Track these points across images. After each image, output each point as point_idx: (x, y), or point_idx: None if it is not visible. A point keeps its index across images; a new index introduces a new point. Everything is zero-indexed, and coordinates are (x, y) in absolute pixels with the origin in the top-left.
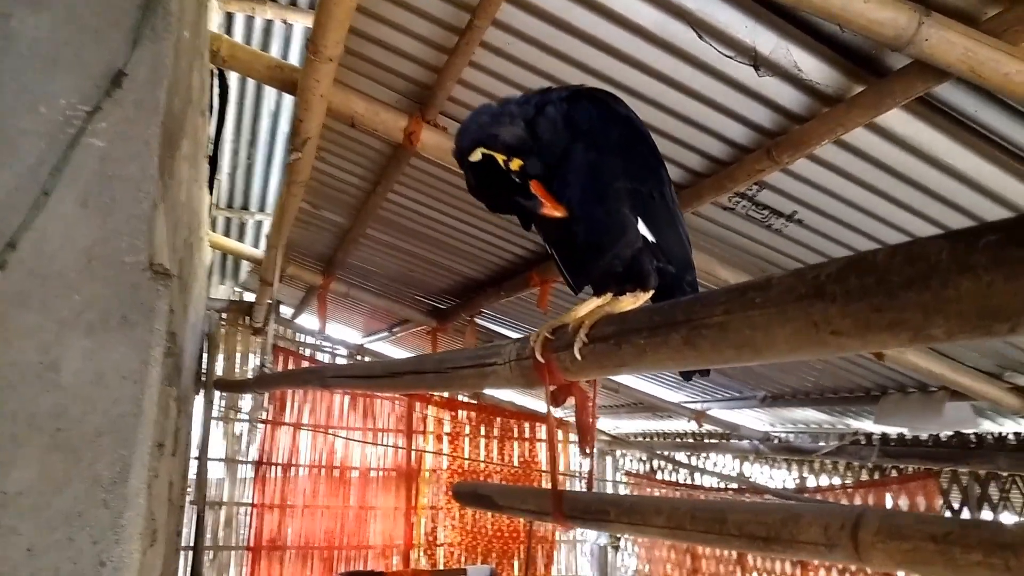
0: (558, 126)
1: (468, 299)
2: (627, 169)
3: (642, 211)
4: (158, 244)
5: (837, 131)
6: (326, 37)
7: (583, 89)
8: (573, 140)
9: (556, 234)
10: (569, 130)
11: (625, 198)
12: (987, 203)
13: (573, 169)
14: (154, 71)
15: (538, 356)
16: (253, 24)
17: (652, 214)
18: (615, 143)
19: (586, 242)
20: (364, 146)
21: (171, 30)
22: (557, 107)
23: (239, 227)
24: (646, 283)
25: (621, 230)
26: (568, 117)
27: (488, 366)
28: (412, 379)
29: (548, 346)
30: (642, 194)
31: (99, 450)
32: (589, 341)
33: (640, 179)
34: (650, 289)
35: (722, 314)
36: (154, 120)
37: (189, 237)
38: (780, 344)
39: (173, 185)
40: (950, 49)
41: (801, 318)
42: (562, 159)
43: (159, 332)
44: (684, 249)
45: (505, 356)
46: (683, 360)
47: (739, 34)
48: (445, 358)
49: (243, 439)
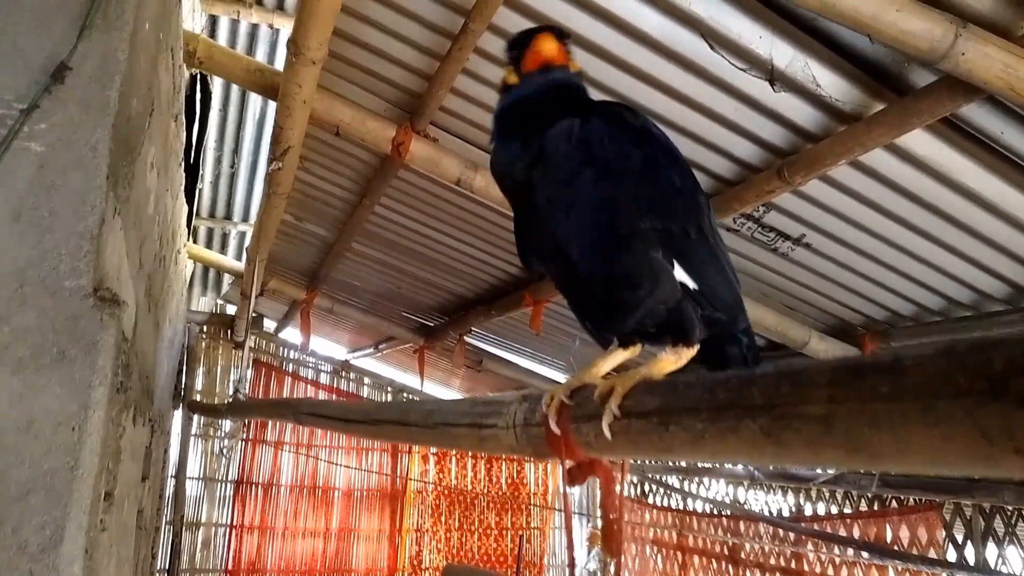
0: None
1: (457, 317)
2: (654, 204)
3: (677, 254)
4: (107, 266)
5: (856, 151)
6: (308, 37)
7: (599, 104)
8: (582, 166)
9: (568, 288)
10: (580, 153)
11: (654, 241)
12: (1008, 229)
13: (581, 205)
14: (104, 66)
15: (552, 427)
16: (238, 28)
17: (690, 255)
18: (637, 171)
19: (606, 299)
20: (350, 156)
21: (126, 20)
22: (570, 122)
23: (222, 237)
24: (689, 337)
25: (652, 283)
26: (580, 139)
27: (487, 427)
28: (395, 430)
29: (565, 413)
30: (674, 233)
31: (26, 512)
32: (622, 415)
33: (671, 215)
34: (695, 344)
35: (826, 402)
36: (103, 122)
37: (161, 251)
38: (922, 454)
39: (134, 196)
40: (989, 65)
41: (961, 423)
42: (565, 187)
43: (103, 369)
44: (732, 290)
45: (508, 418)
46: (760, 456)
47: (753, 45)
48: (436, 410)
49: (222, 457)
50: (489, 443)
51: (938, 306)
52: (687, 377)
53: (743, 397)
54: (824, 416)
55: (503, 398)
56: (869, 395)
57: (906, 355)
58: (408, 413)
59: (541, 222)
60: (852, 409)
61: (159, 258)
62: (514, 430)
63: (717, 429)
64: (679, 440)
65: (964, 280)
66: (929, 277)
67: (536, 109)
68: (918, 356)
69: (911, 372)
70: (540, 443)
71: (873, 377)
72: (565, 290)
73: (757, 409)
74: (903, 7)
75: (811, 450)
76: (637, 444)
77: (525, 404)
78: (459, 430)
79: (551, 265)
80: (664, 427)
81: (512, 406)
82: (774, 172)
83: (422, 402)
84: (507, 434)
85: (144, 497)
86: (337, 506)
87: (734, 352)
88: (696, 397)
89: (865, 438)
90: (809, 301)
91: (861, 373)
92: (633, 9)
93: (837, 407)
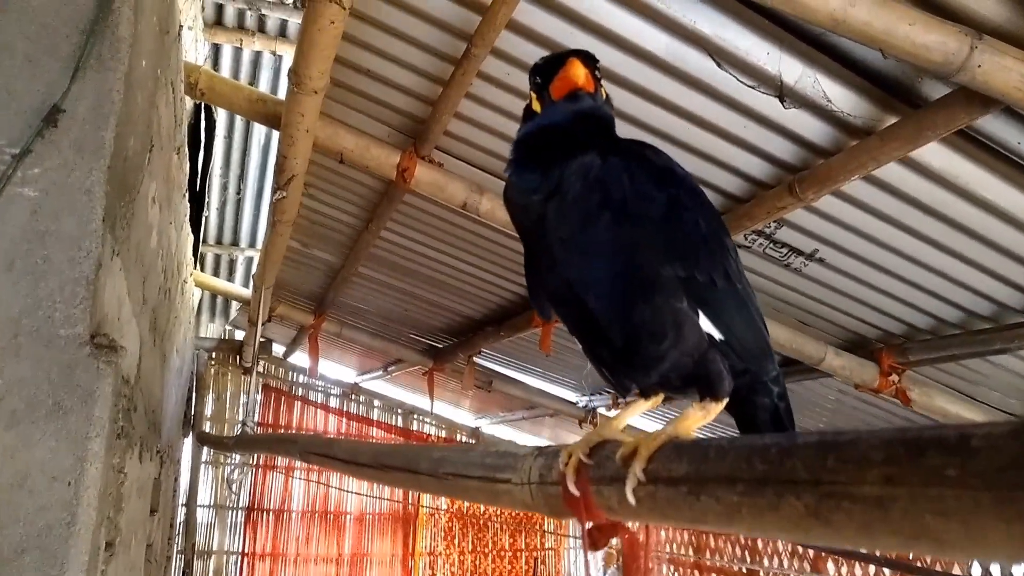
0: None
1: (466, 338)
2: (678, 250)
3: (702, 303)
4: (106, 309)
5: (869, 165)
6: (310, 68)
7: (622, 142)
8: (599, 207)
9: (584, 334)
10: (597, 193)
11: (677, 289)
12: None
13: (597, 248)
14: (98, 107)
15: (570, 487)
16: (241, 56)
17: (716, 305)
18: (660, 215)
19: (626, 349)
20: (355, 183)
21: (121, 59)
22: (590, 158)
23: (229, 263)
24: (717, 391)
25: (675, 334)
26: (598, 178)
27: (500, 482)
28: (404, 477)
29: (584, 472)
30: (700, 282)
31: (20, 572)
32: (647, 480)
33: (696, 262)
34: (723, 399)
35: (881, 483)
36: (97, 164)
37: (166, 284)
38: (999, 549)
39: (135, 234)
40: (1006, 76)
41: None
42: (582, 228)
43: (100, 420)
44: (761, 339)
45: (523, 473)
46: (806, 536)
47: (761, 62)
48: (445, 458)
49: (233, 484)
50: (503, 499)
51: (956, 319)
52: (718, 441)
53: (784, 470)
54: (879, 498)
55: (517, 451)
56: (932, 478)
57: (974, 432)
58: (418, 460)
59: (555, 261)
60: (913, 493)
61: (164, 291)
62: (529, 487)
63: (755, 504)
64: (712, 513)
65: (982, 292)
66: (946, 290)
67: (559, 140)
68: (988, 435)
69: (983, 455)
70: (558, 503)
71: (936, 456)
72: (580, 336)
73: (800, 485)
74: (916, 20)
75: (865, 533)
76: (664, 513)
77: (541, 459)
78: (470, 483)
79: (564, 308)
80: (695, 496)
81: (527, 461)
82: (785, 188)
83: (432, 448)
84: (522, 491)
85: (154, 530)
86: (349, 531)
87: (764, 402)
88: (730, 466)
89: (927, 525)
90: (824, 316)
91: (921, 450)
92: (638, 29)
93: (894, 489)
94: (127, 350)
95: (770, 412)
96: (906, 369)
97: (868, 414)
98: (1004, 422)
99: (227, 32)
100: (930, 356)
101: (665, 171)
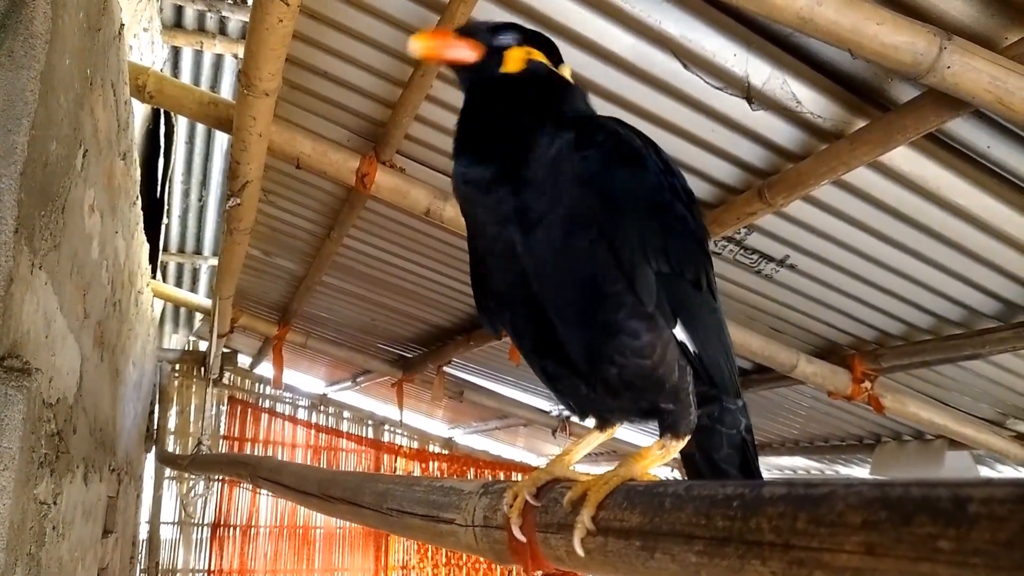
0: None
1: (436, 348)
2: (662, 242)
3: (682, 306)
4: (25, 327)
5: (839, 170)
6: (260, 69)
7: (595, 121)
8: (574, 194)
9: (540, 351)
10: (572, 179)
11: (654, 287)
12: (997, 245)
13: (562, 246)
14: (9, 108)
15: (515, 533)
16: (202, 59)
17: (695, 310)
18: (645, 205)
19: (591, 367)
20: (315, 188)
21: (36, 56)
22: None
23: (192, 273)
24: (678, 427)
25: (647, 340)
26: (559, 160)
27: (444, 522)
28: (348, 510)
29: (530, 516)
30: (685, 281)
31: None
32: (597, 530)
33: (678, 256)
34: (685, 437)
35: (861, 552)
36: (8, 171)
37: (114, 296)
38: None
39: (68, 244)
40: (976, 78)
41: None
42: (544, 223)
43: (10, 451)
44: (730, 362)
45: (467, 514)
46: None
47: (728, 63)
48: (389, 492)
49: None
50: (447, 539)
51: (928, 324)
52: (675, 487)
53: (748, 529)
54: (858, 570)
55: (462, 487)
56: (922, 550)
57: (971, 495)
58: (361, 493)
59: (511, 262)
60: (901, 568)
61: (112, 303)
62: (473, 530)
63: (715, 567)
64: (668, 573)
65: (953, 297)
66: (917, 295)
67: (499, 120)
68: (988, 499)
69: (982, 525)
70: (503, 549)
71: (926, 524)
72: (536, 353)
73: (767, 548)
74: (884, 20)
75: None
76: (616, 567)
77: (486, 499)
78: (414, 520)
79: (519, 318)
80: (648, 553)
81: (471, 499)
82: (755, 193)
83: (376, 478)
84: (466, 533)
85: (109, 552)
86: (319, 546)
87: (729, 434)
88: (688, 519)
89: None
90: (795, 323)
91: (908, 516)
92: (602, 30)
93: (877, 561)
94: (42, 372)
95: (735, 445)
96: (878, 375)
97: (841, 420)
98: (1005, 481)
99: (187, 34)
100: (902, 362)
101: (649, 156)
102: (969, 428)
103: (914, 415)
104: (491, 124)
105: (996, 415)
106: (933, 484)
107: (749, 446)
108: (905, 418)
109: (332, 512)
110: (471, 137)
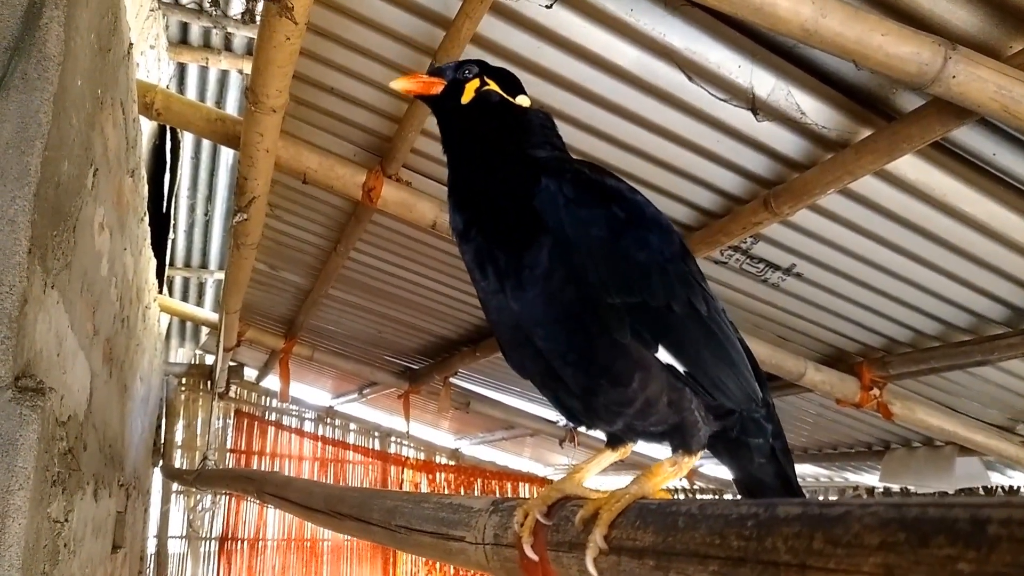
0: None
1: (442, 360)
2: (622, 274)
3: (660, 333)
4: (38, 347)
5: (845, 179)
6: (267, 86)
7: (550, 161)
8: (532, 239)
9: (545, 382)
10: (529, 222)
11: (623, 319)
12: (1004, 251)
13: (534, 285)
14: (23, 130)
15: (527, 551)
16: (207, 76)
17: (677, 332)
18: (600, 237)
19: (586, 394)
20: (322, 203)
21: (49, 78)
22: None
23: (198, 287)
24: (690, 443)
25: (627, 370)
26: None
27: (454, 540)
28: (356, 527)
29: (541, 534)
30: (653, 308)
31: None
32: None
33: (645, 286)
34: (697, 452)
35: (879, 572)
36: (22, 192)
37: (123, 312)
38: None
39: (78, 262)
40: (981, 87)
41: None
42: (516, 266)
43: (25, 471)
44: (740, 376)
45: (477, 532)
46: None
47: (733, 75)
48: (398, 509)
49: (205, 514)
50: (457, 557)
51: (936, 331)
52: (688, 506)
53: (764, 549)
54: None
55: (472, 503)
56: (942, 572)
57: (991, 516)
58: (370, 510)
59: (502, 306)
60: None
61: (120, 319)
62: (484, 548)
63: None
64: None
65: (961, 304)
66: (925, 302)
67: (469, 168)
68: (1008, 520)
69: (1003, 547)
70: (514, 568)
71: (945, 545)
72: (540, 381)
73: (783, 568)
74: (889, 31)
75: None
76: None
77: (496, 516)
78: (423, 538)
79: (519, 352)
80: (662, 573)
81: (482, 517)
82: (760, 203)
83: (385, 495)
84: (476, 551)
85: (118, 568)
86: (327, 559)
87: (758, 443)
88: (702, 539)
89: None
90: (803, 331)
91: (925, 537)
92: (606, 43)
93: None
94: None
95: (766, 455)
96: (887, 383)
97: (850, 427)
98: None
99: (192, 51)
100: (911, 369)
101: (603, 188)
102: (979, 434)
103: (923, 422)
104: (458, 168)
105: (1006, 421)
106: (951, 505)
107: (779, 453)
108: (914, 425)
109: (340, 529)
110: (452, 179)
